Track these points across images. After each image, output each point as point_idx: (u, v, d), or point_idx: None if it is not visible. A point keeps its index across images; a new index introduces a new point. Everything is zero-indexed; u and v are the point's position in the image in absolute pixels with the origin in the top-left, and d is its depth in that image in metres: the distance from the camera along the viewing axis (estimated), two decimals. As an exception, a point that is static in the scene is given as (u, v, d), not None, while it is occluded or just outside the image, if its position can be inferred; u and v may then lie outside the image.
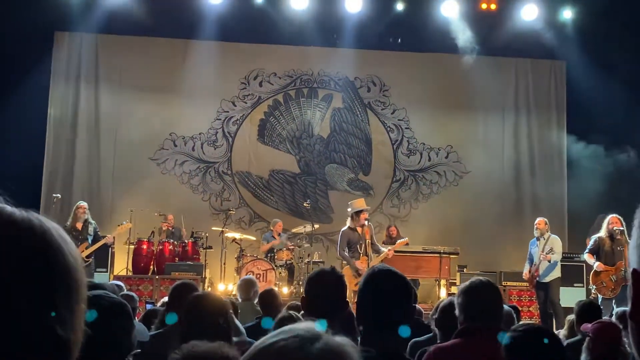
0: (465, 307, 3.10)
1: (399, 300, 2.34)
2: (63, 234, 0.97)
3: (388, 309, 2.31)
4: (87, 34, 13.75)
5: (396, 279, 2.37)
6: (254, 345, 1.01)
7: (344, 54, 14.41)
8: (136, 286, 10.64)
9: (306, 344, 0.96)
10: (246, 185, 14.30)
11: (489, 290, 3.13)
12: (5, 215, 0.94)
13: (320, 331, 0.99)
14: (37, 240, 0.93)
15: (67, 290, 0.94)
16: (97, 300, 1.66)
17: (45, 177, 13.49)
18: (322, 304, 2.82)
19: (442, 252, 11.19)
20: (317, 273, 3.03)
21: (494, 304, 3.10)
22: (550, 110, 14.69)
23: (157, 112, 14.06)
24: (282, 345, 0.96)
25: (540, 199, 14.23)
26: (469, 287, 3.14)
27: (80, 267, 0.98)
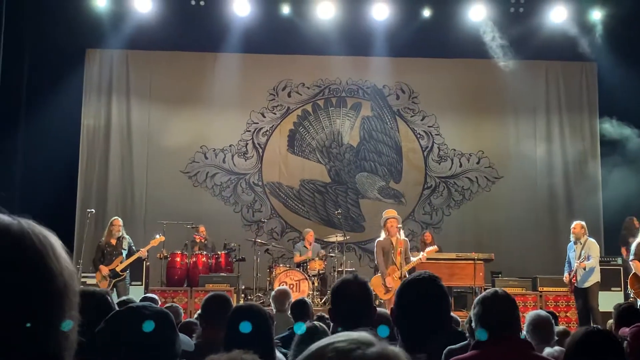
0: (481, 318, 3.08)
1: (431, 308, 2.30)
2: (51, 240, 0.96)
3: (421, 317, 2.27)
4: (117, 51, 13.95)
5: (432, 286, 2.33)
6: (311, 345, 1.04)
7: (372, 62, 14.41)
8: (171, 298, 10.70)
9: (362, 347, 0.99)
10: (277, 196, 14.34)
11: (504, 301, 3.11)
12: None
13: (375, 338, 1.02)
14: (17, 248, 0.92)
15: (50, 297, 0.93)
16: (140, 311, 1.68)
17: (80, 191, 13.67)
18: (349, 313, 2.80)
19: (476, 259, 11.09)
20: (340, 283, 3.01)
21: (509, 314, 3.06)
22: (582, 112, 14.51)
23: (188, 126, 14.19)
24: (338, 346, 0.99)
25: (574, 202, 14.04)
26: (484, 297, 3.12)
27: (68, 274, 0.96)
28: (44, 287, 0.92)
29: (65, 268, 0.96)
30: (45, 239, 0.96)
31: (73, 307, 0.97)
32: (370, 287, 3.01)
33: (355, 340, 1.00)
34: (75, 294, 0.98)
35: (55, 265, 0.94)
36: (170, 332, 1.68)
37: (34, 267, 0.92)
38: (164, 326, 1.67)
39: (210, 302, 3.91)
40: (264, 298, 11.45)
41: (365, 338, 1.01)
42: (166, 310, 1.79)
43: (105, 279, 10.14)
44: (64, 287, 0.94)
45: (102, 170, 13.89)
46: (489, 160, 14.52)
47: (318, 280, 11.67)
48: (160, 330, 1.65)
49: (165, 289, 11.42)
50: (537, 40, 13.38)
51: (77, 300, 0.98)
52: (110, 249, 10.32)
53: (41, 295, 0.91)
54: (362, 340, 1.00)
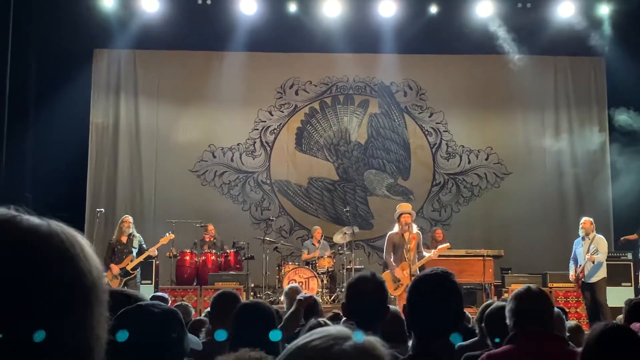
0: (516, 313, 3.09)
1: (444, 304, 2.29)
2: (79, 240, 0.98)
3: (433, 314, 2.26)
4: (124, 51, 13.98)
5: (444, 283, 2.32)
6: (289, 346, 1.05)
7: (379, 59, 14.40)
8: (180, 297, 10.72)
9: (338, 342, 0.99)
10: (285, 194, 14.35)
11: (539, 296, 3.14)
12: (26, 224, 0.95)
13: (351, 332, 1.02)
14: (46, 248, 0.93)
15: (79, 296, 0.95)
16: (149, 309, 1.68)
17: (89, 191, 13.72)
18: (363, 310, 2.80)
19: (485, 255, 11.08)
20: (356, 279, 2.99)
21: (544, 309, 3.07)
22: (591, 107, 14.45)
23: (196, 124, 14.22)
24: (315, 344, 1.00)
25: (584, 198, 14.00)
26: (520, 293, 3.14)
27: (97, 273, 0.98)
28: (73, 286, 0.93)
29: (95, 267, 0.98)
30: (75, 239, 0.97)
31: (102, 305, 0.99)
32: (386, 286, 2.99)
33: (332, 336, 1.01)
34: (105, 293, 0.99)
35: (85, 264, 0.96)
36: (178, 331, 1.68)
37: (63, 266, 0.93)
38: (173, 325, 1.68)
39: (219, 300, 3.92)
40: (273, 296, 11.47)
41: (340, 332, 1.02)
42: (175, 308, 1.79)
43: (116, 277, 10.18)
44: (93, 285, 0.96)
45: (111, 169, 13.93)
46: (497, 157, 14.48)
47: (327, 278, 11.68)
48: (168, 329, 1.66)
49: (175, 287, 11.44)
50: (545, 36, 13.33)
51: (106, 298, 1.00)
52: (120, 247, 10.36)
53: (70, 294, 0.93)
54: (338, 336, 1.01)
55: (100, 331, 0.98)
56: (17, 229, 0.94)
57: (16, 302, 0.89)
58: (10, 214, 0.96)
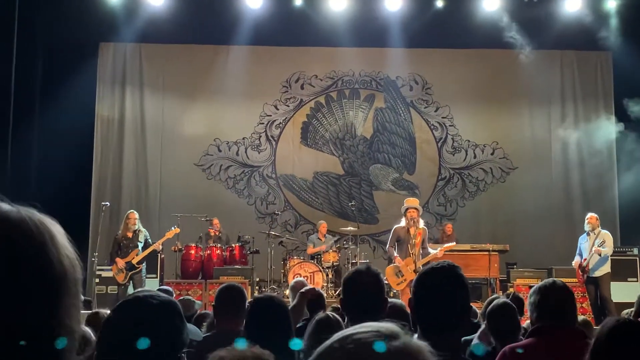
0: (539, 306, 3.08)
1: (451, 299, 2.26)
2: (50, 228, 0.95)
3: (439, 308, 2.24)
4: (130, 44, 13.99)
5: (451, 277, 2.29)
6: (333, 336, 1.00)
7: (385, 53, 14.37)
8: (185, 291, 10.74)
9: (385, 339, 0.95)
10: (291, 188, 14.34)
11: (562, 290, 3.14)
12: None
13: (400, 331, 0.98)
14: (14, 235, 0.91)
15: (48, 285, 0.92)
16: (147, 300, 1.67)
17: (95, 184, 13.73)
18: (360, 303, 2.78)
19: (490, 250, 11.06)
20: (352, 273, 2.97)
21: (567, 304, 3.10)
22: (597, 102, 14.38)
23: (201, 118, 14.22)
24: (359, 337, 0.96)
25: (590, 193, 13.95)
26: (543, 286, 3.15)
27: (69, 263, 0.95)
28: (39, 275, 0.90)
29: (65, 256, 0.95)
30: (45, 227, 0.94)
31: (75, 295, 0.95)
32: (382, 278, 2.97)
33: (380, 331, 0.96)
34: (77, 282, 0.96)
35: (53, 253, 0.93)
36: (177, 322, 1.68)
37: (31, 255, 0.90)
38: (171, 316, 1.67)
39: (224, 293, 3.91)
40: (279, 290, 11.47)
41: (389, 329, 0.97)
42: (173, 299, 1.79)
43: (121, 271, 10.20)
44: (62, 275, 0.93)
45: (116, 163, 13.94)
46: (503, 151, 14.45)
47: (332, 272, 11.68)
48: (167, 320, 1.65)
49: (180, 281, 11.45)
50: (552, 30, 13.27)
51: (79, 288, 0.96)
52: (126, 241, 10.38)
53: (38, 283, 0.90)
54: (386, 332, 0.96)
55: (71, 323, 0.94)
56: None
57: None
58: None
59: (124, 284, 10.22)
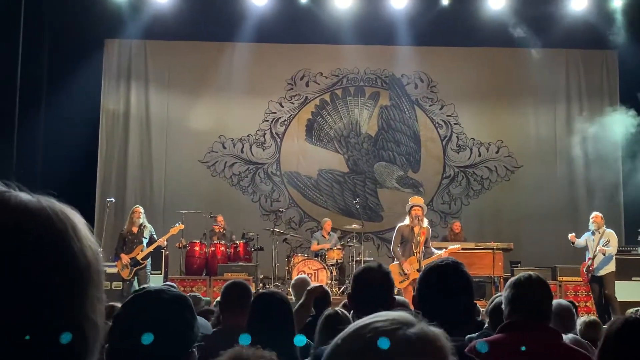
0: (512, 301, 2.98)
1: (455, 296, 2.27)
2: (72, 218, 0.92)
3: (444, 306, 2.25)
4: (135, 41, 14.01)
5: (457, 272, 2.29)
6: (350, 326, 1.02)
7: (390, 51, 14.35)
8: (190, 287, 10.76)
9: (402, 327, 0.97)
10: (295, 186, 14.35)
11: (538, 285, 2.98)
12: (14, 201, 0.90)
13: (415, 318, 1.00)
14: (34, 226, 0.87)
15: (71, 277, 0.89)
16: (159, 294, 1.68)
17: (99, 181, 13.76)
18: (369, 300, 2.79)
19: (495, 249, 11.04)
20: (363, 270, 2.98)
21: (542, 300, 2.93)
22: (602, 100, 14.34)
23: (206, 115, 14.23)
24: (378, 325, 0.97)
25: (595, 191, 13.91)
26: (518, 280, 2.99)
27: (91, 254, 0.92)
28: (63, 267, 0.87)
29: (88, 247, 0.92)
30: (66, 217, 0.91)
31: (98, 288, 0.92)
32: (392, 277, 2.98)
33: (396, 320, 0.98)
34: (100, 274, 0.93)
35: (76, 244, 0.90)
36: (188, 316, 1.68)
37: (52, 245, 0.87)
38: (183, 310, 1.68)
39: (230, 290, 3.92)
40: (283, 287, 11.48)
41: (405, 318, 0.99)
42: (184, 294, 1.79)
43: (126, 267, 10.22)
44: (86, 266, 0.90)
45: (121, 159, 13.97)
46: (508, 150, 14.43)
47: (336, 270, 11.68)
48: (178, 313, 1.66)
49: (184, 277, 11.48)
50: (557, 29, 13.24)
51: (102, 280, 0.94)
52: (131, 237, 10.39)
53: (60, 276, 0.87)
54: (402, 320, 0.98)
55: (95, 316, 0.91)
56: (4, 206, 0.88)
57: (1, 285, 0.83)
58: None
59: (128, 280, 10.23)
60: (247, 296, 3.80)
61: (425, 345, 0.96)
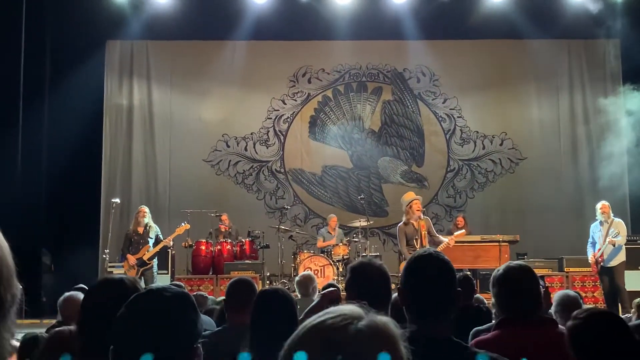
0: (498, 297, 2.94)
1: (440, 284, 2.27)
2: None
3: (429, 294, 2.26)
4: (137, 41, 14.03)
5: (437, 263, 2.30)
6: (302, 325, 1.08)
7: (391, 45, 14.35)
8: (197, 286, 10.78)
9: (353, 322, 1.03)
10: (300, 183, 14.35)
11: (524, 276, 2.89)
12: None
13: (363, 311, 1.06)
14: None
15: None
16: (161, 293, 1.69)
17: (104, 182, 13.77)
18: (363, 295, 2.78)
19: (501, 241, 11.02)
20: (356, 266, 2.98)
21: (524, 289, 2.86)
22: (606, 89, 14.29)
23: (209, 114, 14.25)
24: (331, 322, 1.03)
25: (600, 181, 13.85)
26: (501, 275, 2.91)
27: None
28: None
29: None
30: None
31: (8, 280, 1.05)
32: (387, 270, 2.96)
33: (347, 315, 1.04)
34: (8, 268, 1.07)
35: None
36: (191, 313, 1.69)
37: None
38: (185, 307, 1.68)
39: (235, 287, 3.93)
40: (289, 284, 11.49)
41: (354, 312, 1.05)
42: (186, 292, 1.80)
43: (132, 268, 10.24)
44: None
45: (125, 160, 13.99)
46: (512, 142, 14.41)
47: (342, 266, 11.68)
48: (181, 311, 1.66)
49: (191, 277, 11.50)
50: (559, 19, 13.21)
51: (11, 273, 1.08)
52: (137, 237, 10.41)
53: None
54: (352, 315, 1.04)
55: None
56: None
57: None
58: None
59: (135, 281, 10.24)
60: (252, 293, 3.80)
61: (376, 336, 1.03)
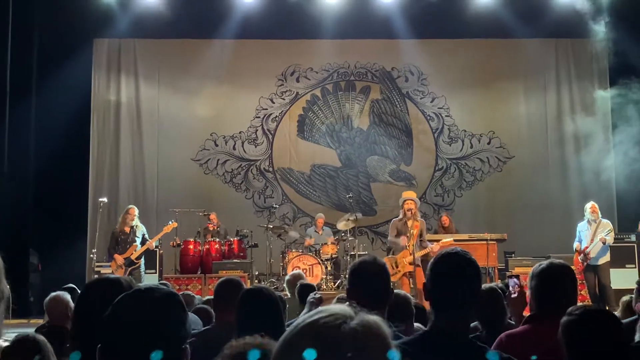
0: (538, 292, 2.97)
1: (464, 282, 2.36)
2: None
3: (454, 290, 2.33)
4: (124, 40, 13.97)
5: (464, 261, 2.38)
6: (294, 324, 1.09)
7: (380, 44, 14.36)
8: (185, 286, 10.75)
9: (346, 320, 1.05)
10: (288, 182, 14.35)
11: (560, 273, 2.95)
12: None
13: (353, 311, 1.08)
14: None
15: None
16: (148, 293, 1.68)
17: (92, 181, 13.69)
18: (366, 294, 2.81)
19: (488, 240, 11.04)
20: (358, 263, 3.01)
21: (565, 288, 2.93)
22: (593, 88, 14.36)
23: (197, 113, 14.21)
24: (325, 321, 1.05)
25: (587, 179, 13.94)
26: (544, 270, 2.96)
27: None
28: None
29: None
30: None
31: None
32: (388, 269, 3.01)
33: (339, 314, 1.06)
34: None
35: None
36: (180, 313, 1.69)
37: None
38: (173, 307, 1.68)
39: (223, 287, 3.94)
40: (278, 283, 11.49)
41: (345, 311, 1.07)
42: (175, 291, 1.80)
43: (120, 267, 10.19)
44: None
45: (113, 159, 13.92)
46: (499, 140, 14.46)
47: (331, 265, 11.69)
48: (170, 311, 1.66)
49: (179, 276, 11.46)
50: (546, 19, 13.27)
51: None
52: (124, 237, 10.35)
53: None
54: (344, 314, 1.06)
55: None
56: None
57: None
58: None
59: (123, 280, 10.19)
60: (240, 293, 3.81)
61: (370, 334, 1.05)
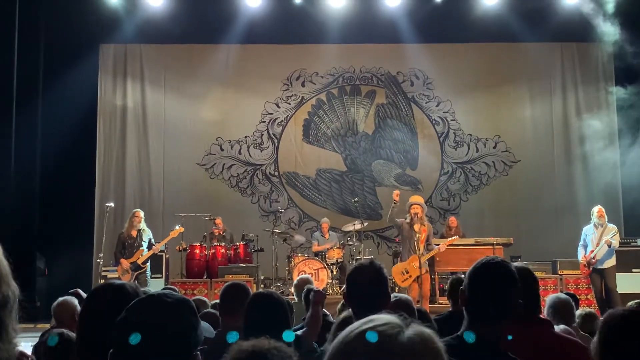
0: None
1: (502, 292, 2.36)
2: None
3: (490, 299, 2.34)
4: (130, 45, 14.01)
5: (505, 270, 2.38)
6: (349, 329, 1.09)
7: (385, 49, 14.37)
8: (191, 290, 10.76)
9: (402, 330, 1.05)
10: (294, 186, 14.35)
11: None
12: None
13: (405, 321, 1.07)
14: None
15: None
16: (161, 299, 1.69)
17: (98, 186, 13.73)
18: (361, 297, 2.81)
19: (494, 244, 11.02)
20: (355, 268, 3.00)
21: (529, 293, 2.71)
22: (599, 92, 14.34)
23: (203, 118, 14.24)
24: (381, 330, 1.04)
25: (593, 183, 13.91)
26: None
27: None
28: None
29: None
30: None
31: None
32: (384, 272, 2.97)
33: (395, 323, 1.05)
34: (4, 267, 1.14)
35: None
36: (192, 320, 1.69)
37: None
38: (186, 313, 1.69)
39: (228, 291, 3.94)
40: (284, 288, 11.50)
41: (397, 320, 1.07)
42: (187, 297, 1.80)
43: (127, 272, 10.21)
44: None
45: (119, 164, 13.96)
46: (505, 145, 14.44)
47: (337, 269, 11.68)
48: (182, 317, 1.67)
49: (185, 280, 11.47)
50: (552, 22, 13.25)
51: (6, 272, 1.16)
52: (130, 241, 10.37)
53: None
54: (399, 324, 1.06)
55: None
56: None
57: None
58: None
59: (129, 285, 10.20)
60: (246, 297, 3.81)
61: (427, 346, 1.04)
